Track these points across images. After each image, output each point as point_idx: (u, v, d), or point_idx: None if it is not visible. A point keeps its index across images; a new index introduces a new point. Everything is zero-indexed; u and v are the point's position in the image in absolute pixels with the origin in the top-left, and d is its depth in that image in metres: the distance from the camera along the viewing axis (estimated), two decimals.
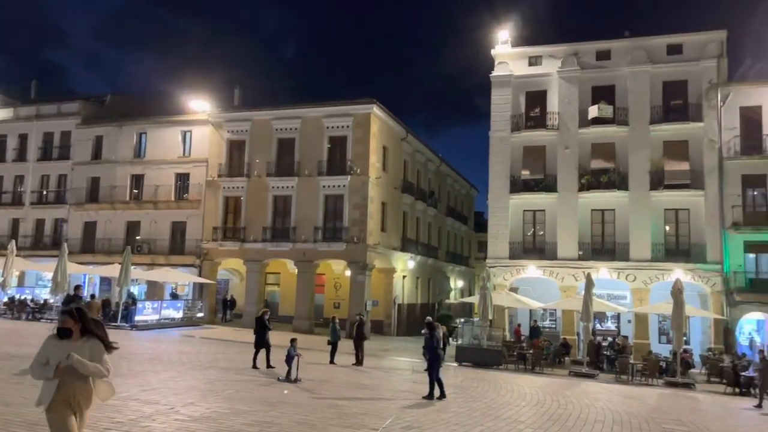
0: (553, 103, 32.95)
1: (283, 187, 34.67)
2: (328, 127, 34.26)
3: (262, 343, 17.37)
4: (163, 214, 37.53)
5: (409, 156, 39.55)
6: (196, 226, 36.53)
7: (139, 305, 30.08)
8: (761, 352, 21.91)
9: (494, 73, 33.96)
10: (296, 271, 34.13)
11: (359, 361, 20.24)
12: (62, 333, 5.23)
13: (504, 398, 15.03)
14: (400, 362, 22.14)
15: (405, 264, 37.87)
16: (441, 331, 15.24)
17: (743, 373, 20.70)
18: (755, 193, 29.33)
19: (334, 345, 20.13)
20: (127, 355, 17.33)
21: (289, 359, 15.22)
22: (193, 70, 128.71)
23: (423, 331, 14.57)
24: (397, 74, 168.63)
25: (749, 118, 29.51)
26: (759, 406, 16.94)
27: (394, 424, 10.63)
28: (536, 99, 33.54)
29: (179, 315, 32.25)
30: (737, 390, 20.29)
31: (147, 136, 39.28)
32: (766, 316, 28.78)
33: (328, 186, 33.74)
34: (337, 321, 20.99)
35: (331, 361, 19.74)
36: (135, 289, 37.16)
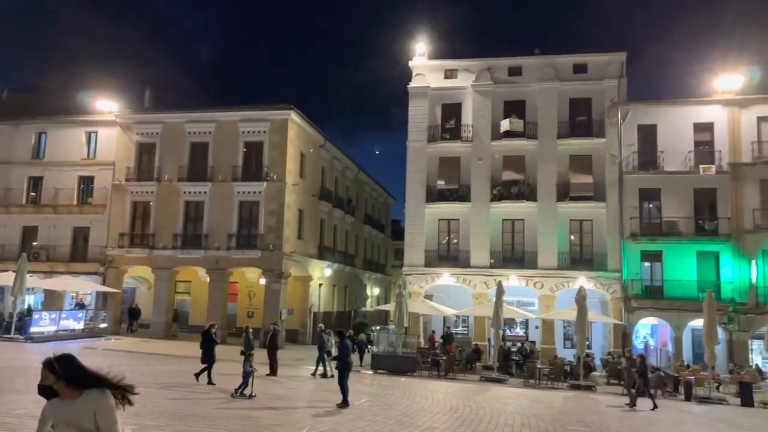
0: (467, 116, 33.91)
1: (195, 193, 33.60)
2: (243, 132, 33.57)
3: (210, 357, 16.80)
4: (63, 218, 35.37)
5: (327, 163, 39.46)
6: (100, 232, 34.67)
7: (35, 315, 28.18)
8: (629, 351, 23.44)
9: (411, 85, 34.58)
10: (208, 279, 33.13)
11: (273, 371, 19.89)
12: (44, 393, 3.87)
13: (418, 405, 15.21)
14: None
15: (322, 272, 37.66)
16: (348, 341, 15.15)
17: None
18: (650, 205, 31.39)
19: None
20: (23, 369, 16.18)
21: (246, 375, 14.70)
22: (99, 68, 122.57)
23: (335, 340, 14.55)
24: (316, 81, 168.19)
25: (646, 135, 31.58)
26: (632, 405, 17.67)
27: None
28: (452, 111, 34.41)
29: (80, 326, 30.46)
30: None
31: (47, 136, 36.92)
32: (659, 320, 30.83)
33: (243, 192, 33.03)
34: (251, 330, 20.53)
35: None
36: (31, 299, 34.79)
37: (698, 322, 25.96)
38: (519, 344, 29.57)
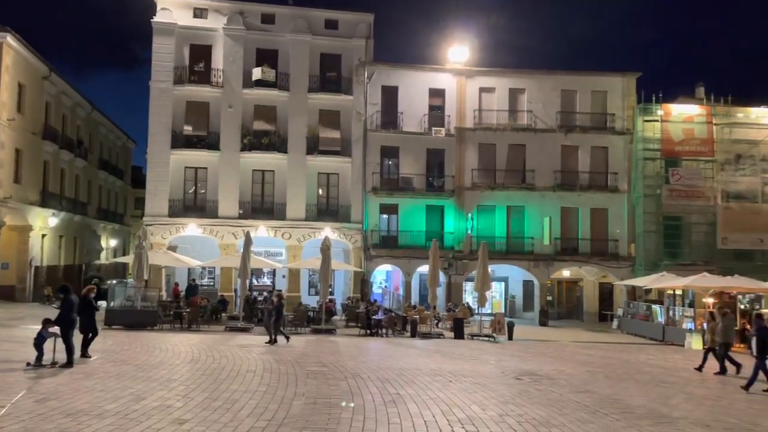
0: (218, 60, 32.55)
1: None
2: None
3: (92, 327, 14.19)
4: None
5: (52, 98, 34.54)
6: None
7: None
8: (270, 292, 25.51)
9: (156, 20, 31.89)
10: None
11: None
12: None
13: (157, 358, 14.57)
14: (36, 331, 19.55)
15: (45, 221, 33.33)
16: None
17: (374, 317, 24.01)
18: (390, 162, 33.96)
19: None
20: None
21: (40, 340, 12.47)
22: None
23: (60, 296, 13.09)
24: (41, 4, 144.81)
25: (388, 96, 33.84)
26: (271, 342, 18.70)
27: (25, 398, 9.36)
28: (201, 53, 32.69)
29: None
30: (369, 331, 23.46)
31: None
32: (394, 267, 33.92)
33: None
34: None
35: None
36: None
37: (425, 268, 29.10)
38: (266, 293, 30.02)
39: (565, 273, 35.48)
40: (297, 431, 8.21)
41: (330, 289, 28.58)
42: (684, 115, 34.37)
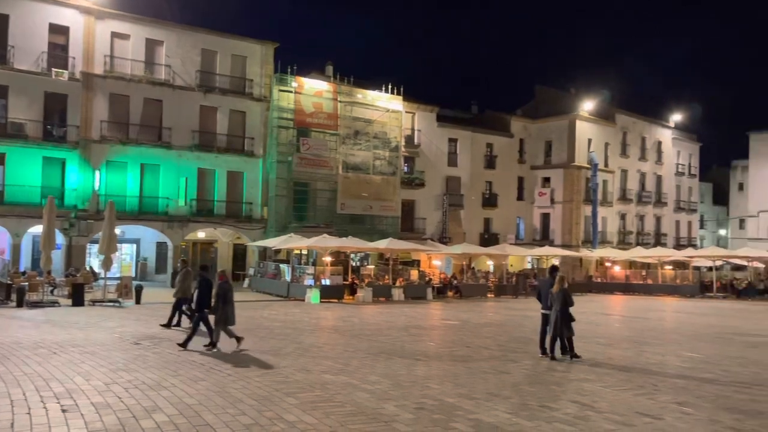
0: None
1: None
2: None
3: None
4: None
5: None
6: None
7: None
8: None
9: None
10: None
11: None
12: None
13: None
14: None
15: None
16: None
17: None
18: None
19: None
20: None
21: None
22: None
23: None
24: None
25: None
26: None
27: None
28: None
29: None
30: None
31: None
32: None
33: None
34: None
35: None
36: None
37: (40, 228, 25.58)
38: None
39: (201, 234, 35.44)
40: None
41: None
42: (315, 89, 37.34)
